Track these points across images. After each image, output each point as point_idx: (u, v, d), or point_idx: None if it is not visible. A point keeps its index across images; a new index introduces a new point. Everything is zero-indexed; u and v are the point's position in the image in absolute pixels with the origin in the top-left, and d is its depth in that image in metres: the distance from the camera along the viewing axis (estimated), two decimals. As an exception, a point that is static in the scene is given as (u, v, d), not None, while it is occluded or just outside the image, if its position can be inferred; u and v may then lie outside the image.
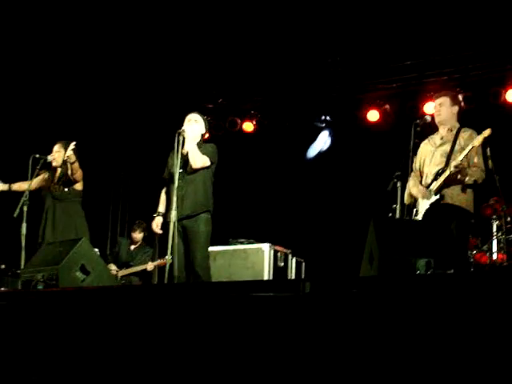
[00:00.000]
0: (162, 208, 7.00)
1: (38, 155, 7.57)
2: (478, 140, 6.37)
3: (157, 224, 7.00)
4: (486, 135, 6.37)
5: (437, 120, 6.84)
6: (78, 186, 7.78)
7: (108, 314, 4.66)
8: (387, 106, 10.90)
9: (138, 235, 10.39)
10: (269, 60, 10.78)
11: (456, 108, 6.88)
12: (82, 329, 4.67)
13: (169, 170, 6.92)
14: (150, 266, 9.94)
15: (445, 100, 6.83)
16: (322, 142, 11.38)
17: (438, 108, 6.84)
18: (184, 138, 6.84)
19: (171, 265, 6.60)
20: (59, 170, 7.77)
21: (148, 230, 10.62)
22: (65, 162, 7.71)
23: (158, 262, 9.91)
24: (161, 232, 6.94)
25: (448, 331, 3.63)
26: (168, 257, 8.94)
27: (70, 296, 5.12)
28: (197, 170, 6.89)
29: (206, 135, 7.34)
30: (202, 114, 7.24)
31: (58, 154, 7.76)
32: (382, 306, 3.84)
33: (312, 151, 11.40)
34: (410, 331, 3.71)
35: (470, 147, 6.38)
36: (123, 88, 11.33)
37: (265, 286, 4.46)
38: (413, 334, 3.70)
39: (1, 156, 8.13)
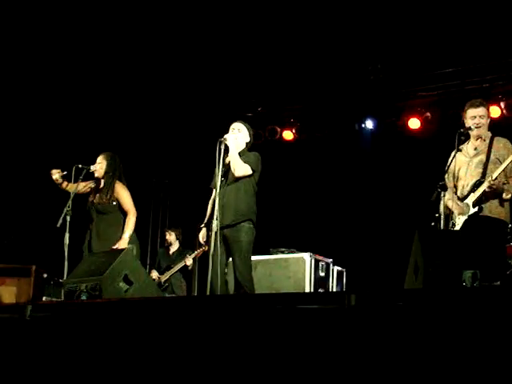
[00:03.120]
0: (207, 218, 7.00)
1: (80, 165, 7.62)
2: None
3: (202, 236, 7.01)
4: None
5: (476, 133, 6.63)
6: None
7: (151, 325, 4.67)
8: (428, 114, 10.81)
9: (170, 236, 10.42)
10: (308, 67, 10.76)
11: (489, 119, 6.77)
12: (125, 340, 4.68)
13: (215, 180, 6.91)
14: (188, 260, 9.97)
15: (485, 112, 6.66)
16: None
17: (479, 120, 6.61)
18: (226, 147, 6.84)
19: (212, 274, 6.58)
20: (102, 181, 7.82)
21: (187, 236, 10.72)
22: (107, 174, 7.77)
23: (196, 253, 9.94)
24: (205, 244, 6.93)
25: (496, 344, 3.58)
26: (204, 247, 9.01)
27: (113, 307, 5.14)
28: (239, 179, 6.87)
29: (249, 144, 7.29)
30: (246, 122, 7.22)
31: (101, 166, 7.81)
32: (429, 319, 3.80)
33: None
34: (456, 344, 3.67)
35: (508, 162, 6.28)
36: (167, 97, 11.40)
37: (310, 298, 4.44)
38: (460, 346, 3.66)
39: (44, 166, 8.17)
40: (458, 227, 6.49)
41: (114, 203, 7.71)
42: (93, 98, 11.00)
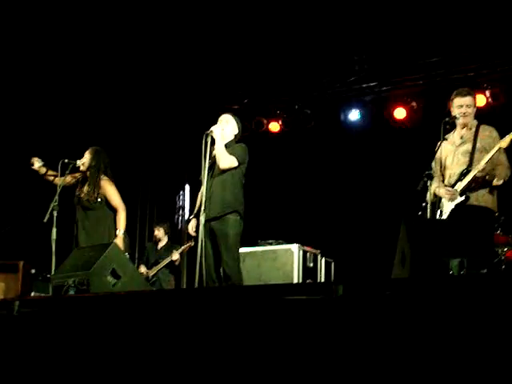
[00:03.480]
0: (196, 210, 7.00)
1: (67, 160, 7.60)
2: (506, 142, 6.29)
3: (192, 226, 7.01)
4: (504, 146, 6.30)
5: (463, 121, 6.64)
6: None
7: (139, 319, 4.66)
8: (414, 103, 10.82)
9: (158, 232, 10.44)
10: (294, 59, 10.75)
11: (476, 108, 6.78)
12: (114, 334, 4.67)
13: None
14: (174, 255, 9.97)
15: (471, 100, 6.67)
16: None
17: (466, 109, 6.62)
18: (213, 139, 6.83)
19: (201, 266, 6.58)
20: (88, 174, 7.79)
21: (175, 229, 10.72)
22: (92, 168, 7.75)
23: (182, 248, 9.96)
24: (195, 234, 6.92)
25: (483, 332, 3.59)
26: (191, 242, 8.99)
27: (101, 301, 5.13)
28: (225, 171, 6.86)
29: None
30: (235, 115, 7.21)
31: (86, 160, 7.79)
32: (416, 308, 3.80)
33: None
34: (443, 332, 3.68)
35: (495, 149, 6.29)
36: (153, 89, 11.38)
37: (297, 289, 4.45)
38: (447, 335, 3.66)
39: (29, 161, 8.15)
40: (445, 215, 6.51)
41: (100, 200, 7.69)
42: (80, 93, 10.96)
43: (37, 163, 7.89)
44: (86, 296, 5.68)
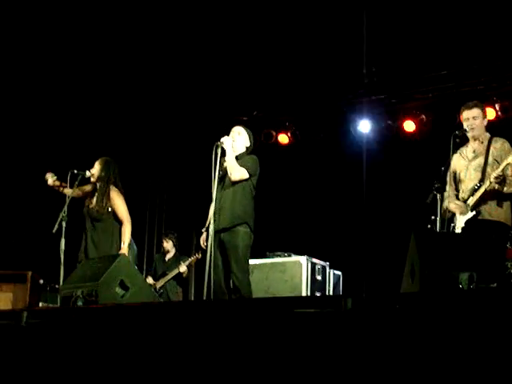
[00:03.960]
0: (208, 222, 6.97)
1: (76, 171, 7.59)
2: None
3: (203, 239, 6.99)
4: None
5: (470, 134, 6.65)
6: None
7: (147, 331, 4.66)
8: (423, 116, 10.81)
9: (167, 244, 10.44)
10: (303, 71, 10.75)
11: (486, 120, 6.76)
12: (122, 345, 4.67)
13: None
14: (181, 267, 9.97)
15: (478, 113, 6.66)
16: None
17: (472, 122, 6.63)
18: (224, 150, 6.81)
19: (209, 278, 6.56)
20: (97, 185, 7.79)
21: (183, 240, 10.71)
22: (101, 178, 7.75)
23: (189, 260, 9.95)
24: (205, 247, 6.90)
25: (492, 346, 3.58)
26: (198, 254, 8.97)
27: (109, 312, 5.12)
28: (236, 183, 6.85)
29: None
30: (246, 127, 7.21)
31: (96, 171, 7.78)
32: (425, 322, 3.79)
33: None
34: (453, 346, 3.66)
35: (505, 163, 6.28)
36: (164, 100, 11.40)
37: (306, 302, 4.43)
38: (457, 349, 3.65)
39: (40, 171, 8.15)
40: (458, 230, 6.49)
41: (109, 210, 7.68)
42: (90, 103, 10.99)
43: (50, 179, 7.89)
44: (95, 307, 5.67)
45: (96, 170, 7.77)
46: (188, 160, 11.77)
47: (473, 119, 6.64)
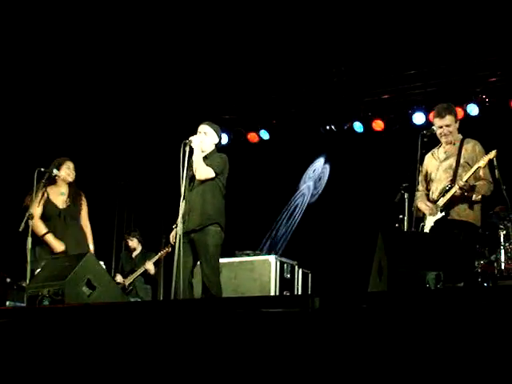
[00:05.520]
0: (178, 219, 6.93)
1: (43, 169, 7.53)
2: (484, 161, 6.31)
3: (173, 236, 6.94)
4: (492, 157, 6.32)
5: (444, 140, 6.68)
6: None
7: (114, 330, 4.63)
8: (392, 116, 10.86)
9: (132, 242, 10.38)
10: (274, 71, 10.77)
11: (458, 122, 6.77)
12: (88, 345, 4.63)
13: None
14: (147, 264, 9.91)
15: (451, 120, 6.64)
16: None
17: (446, 129, 6.62)
18: (192, 149, 6.77)
19: (177, 278, 6.53)
20: (68, 187, 7.77)
21: (151, 237, 10.66)
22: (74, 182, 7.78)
23: (157, 256, 9.89)
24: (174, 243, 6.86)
25: (459, 345, 3.60)
26: (168, 248, 8.94)
27: (75, 312, 5.08)
28: (205, 182, 6.82)
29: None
30: (213, 124, 7.17)
31: (73, 173, 7.80)
32: (393, 321, 3.80)
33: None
34: (420, 346, 3.67)
35: (475, 167, 6.31)
36: (133, 98, 11.34)
37: (274, 302, 4.43)
38: (424, 348, 3.66)
39: (5, 169, 8.09)
40: (426, 230, 6.52)
41: (81, 208, 7.72)
42: (56, 101, 10.91)
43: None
44: (61, 307, 5.63)
45: (72, 172, 7.76)
46: (157, 159, 11.71)
47: (446, 127, 6.64)
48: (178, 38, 10.24)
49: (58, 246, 7.47)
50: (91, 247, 7.67)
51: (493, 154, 6.33)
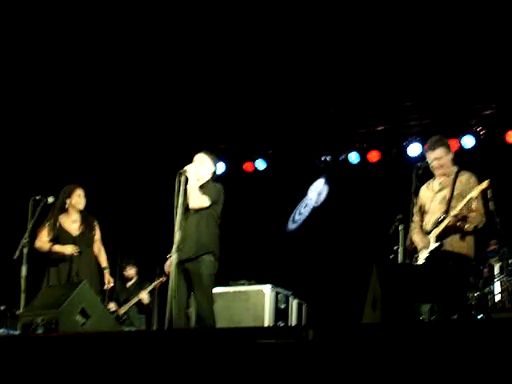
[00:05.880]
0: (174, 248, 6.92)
1: (38, 197, 7.53)
2: (477, 191, 6.32)
3: (167, 265, 6.92)
4: (484, 187, 6.32)
5: (437, 173, 6.71)
6: None
7: (108, 360, 4.61)
8: (387, 147, 10.90)
9: (129, 271, 10.40)
10: (270, 101, 10.84)
11: (451, 154, 6.77)
12: (81, 374, 4.62)
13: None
14: (141, 294, 9.90)
15: (442, 152, 6.67)
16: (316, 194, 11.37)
17: (437, 163, 6.65)
18: (187, 178, 6.78)
19: (172, 307, 6.51)
20: (80, 214, 7.84)
21: (146, 267, 10.65)
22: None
23: (152, 285, 9.88)
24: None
25: (452, 378, 3.60)
26: (163, 277, 8.96)
27: (69, 341, 5.07)
28: (200, 211, 6.83)
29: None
30: (210, 153, 7.20)
31: (82, 200, 7.91)
32: (386, 353, 3.80)
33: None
34: (414, 378, 3.67)
35: (468, 198, 6.33)
36: (125, 128, 11.38)
37: (268, 333, 4.42)
38: (417, 380, 3.66)
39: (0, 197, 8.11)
40: (420, 261, 6.52)
41: (94, 234, 7.88)
42: (53, 126, 10.94)
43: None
44: (54, 335, 5.62)
45: (82, 199, 7.83)
46: (152, 188, 11.71)
47: (437, 161, 6.66)
48: (175, 67, 10.28)
49: (68, 249, 7.57)
50: (105, 266, 7.99)
51: (485, 184, 6.35)
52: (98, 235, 7.98)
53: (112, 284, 8.16)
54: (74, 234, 7.76)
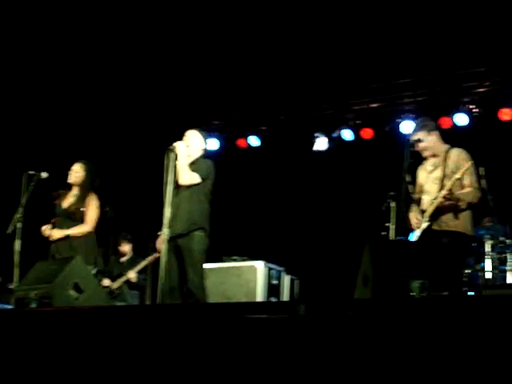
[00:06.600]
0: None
1: (31, 172, 7.53)
2: (460, 172, 6.36)
3: (160, 242, 6.93)
4: (466, 168, 6.37)
5: (424, 155, 6.77)
6: None
7: (100, 334, 4.64)
8: (381, 124, 10.90)
9: (124, 247, 10.42)
10: (264, 77, 10.82)
11: (436, 132, 6.79)
12: (74, 348, 4.65)
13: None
14: (130, 273, 9.93)
15: (421, 134, 6.72)
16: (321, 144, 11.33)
17: (420, 146, 6.70)
18: (176, 155, 6.78)
19: (164, 282, 6.53)
20: (76, 188, 7.81)
21: (140, 242, 10.66)
22: (84, 183, 7.86)
23: (147, 260, 9.90)
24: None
25: (443, 354, 3.62)
26: (156, 254, 8.98)
27: (62, 315, 5.10)
28: (190, 187, 6.84)
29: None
30: (200, 130, 7.19)
31: (78, 175, 7.87)
32: (377, 329, 3.83)
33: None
34: (404, 353, 3.70)
35: (453, 179, 6.36)
36: (117, 104, 11.36)
37: (259, 308, 4.45)
38: (408, 356, 3.69)
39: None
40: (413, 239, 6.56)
41: (82, 209, 7.73)
42: (43, 104, 10.93)
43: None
44: (48, 310, 5.64)
45: (78, 173, 7.80)
46: (144, 164, 11.70)
47: (419, 143, 6.71)
48: (168, 43, 10.25)
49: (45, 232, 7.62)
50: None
51: (468, 165, 6.39)
52: (89, 211, 7.87)
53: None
54: (62, 208, 7.76)
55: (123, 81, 10.92)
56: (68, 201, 7.79)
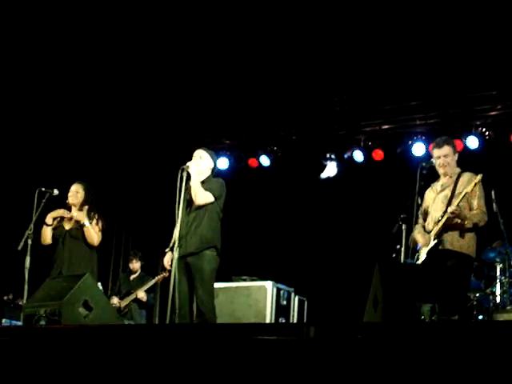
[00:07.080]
0: (172, 243, 6.92)
1: (43, 188, 7.56)
2: (471, 186, 6.35)
3: (167, 260, 6.94)
4: (477, 181, 6.35)
5: (442, 171, 6.74)
6: None
7: (109, 352, 4.64)
8: (392, 146, 10.90)
9: (135, 265, 10.43)
10: (276, 97, 10.84)
11: (456, 155, 6.80)
12: (83, 366, 4.64)
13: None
14: (139, 292, 9.93)
15: (449, 150, 6.71)
16: (331, 170, 11.32)
17: (444, 160, 6.69)
18: (189, 174, 6.81)
19: (173, 302, 6.54)
20: (74, 209, 7.79)
21: (149, 261, 10.68)
22: (87, 203, 7.82)
23: (154, 280, 9.90)
24: (170, 268, 6.86)
25: (452, 378, 3.61)
26: (165, 273, 8.95)
27: (71, 333, 5.10)
28: (202, 206, 6.85)
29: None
30: (208, 149, 7.22)
31: (77, 195, 7.81)
32: (387, 352, 3.81)
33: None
34: (414, 378, 3.69)
35: (463, 193, 6.35)
36: (134, 123, 11.41)
37: (269, 329, 4.44)
38: (417, 380, 3.67)
39: (6, 188, 8.12)
40: (420, 260, 6.54)
41: (88, 225, 7.71)
42: (52, 122, 10.97)
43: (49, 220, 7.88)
44: (57, 327, 5.64)
45: (78, 194, 7.79)
46: (156, 182, 11.74)
47: (444, 157, 6.69)
48: (180, 62, 10.29)
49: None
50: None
51: (478, 178, 6.38)
52: (95, 227, 7.82)
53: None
54: (65, 229, 7.76)
55: (137, 101, 10.97)
56: (70, 222, 7.79)
